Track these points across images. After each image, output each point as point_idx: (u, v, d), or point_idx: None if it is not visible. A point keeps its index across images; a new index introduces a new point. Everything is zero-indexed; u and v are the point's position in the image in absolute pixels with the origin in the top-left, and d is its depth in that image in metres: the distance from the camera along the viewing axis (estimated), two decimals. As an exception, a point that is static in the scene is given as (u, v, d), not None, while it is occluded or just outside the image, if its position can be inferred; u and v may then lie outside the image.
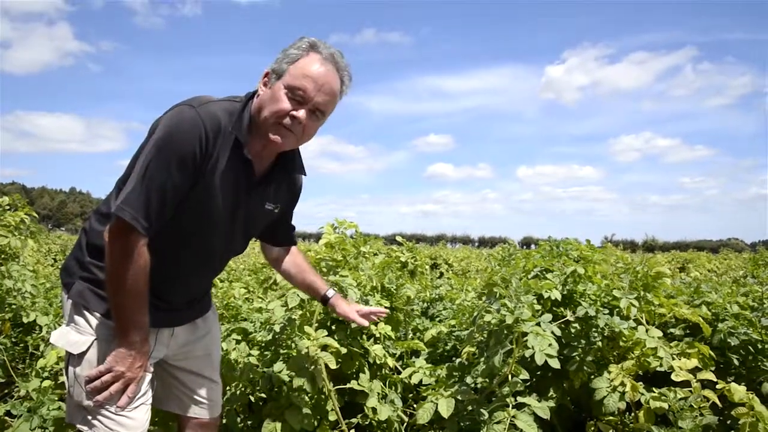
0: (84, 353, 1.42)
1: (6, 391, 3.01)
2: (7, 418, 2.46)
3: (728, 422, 2.06)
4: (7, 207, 4.02)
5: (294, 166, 1.62)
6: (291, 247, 1.90)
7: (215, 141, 1.36)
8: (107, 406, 1.41)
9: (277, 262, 1.90)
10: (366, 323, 1.88)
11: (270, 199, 1.60)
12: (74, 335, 1.44)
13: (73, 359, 1.43)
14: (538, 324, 1.92)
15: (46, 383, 2.49)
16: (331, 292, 1.90)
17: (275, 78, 1.43)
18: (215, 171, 1.39)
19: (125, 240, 1.31)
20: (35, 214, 4.27)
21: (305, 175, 1.69)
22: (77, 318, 1.45)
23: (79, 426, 1.44)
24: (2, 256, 3.73)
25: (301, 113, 1.41)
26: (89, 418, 1.42)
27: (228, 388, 2.25)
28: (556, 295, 2.13)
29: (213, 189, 1.41)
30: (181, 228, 1.43)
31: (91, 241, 1.47)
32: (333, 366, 2.01)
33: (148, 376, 1.50)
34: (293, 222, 1.86)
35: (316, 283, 1.90)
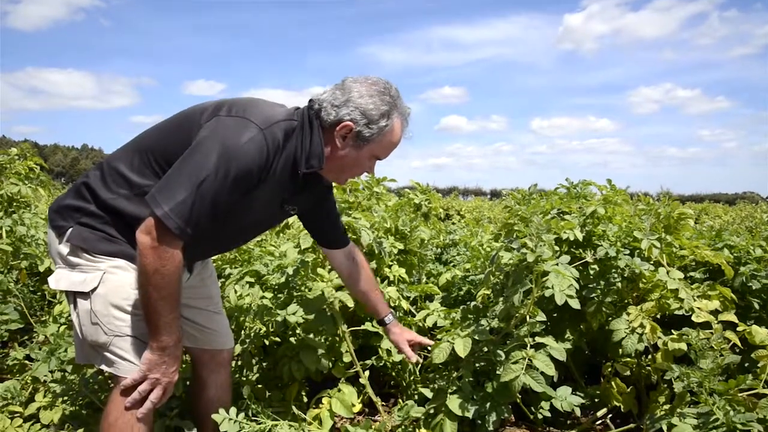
0: (94, 289, 1.39)
1: (26, 337, 3.07)
2: (26, 362, 2.50)
3: (747, 365, 2.04)
4: (16, 157, 4.02)
5: (322, 178, 1.63)
6: (358, 258, 1.93)
7: (273, 162, 1.40)
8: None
9: (344, 273, 1.93)
10: (414, 358, 1.96)
11: (296, 203, 1.63)
12: (77, 275, 1.41)
13: (81, 297, 1.41)
14: (557, 265, 1.87)
15: (63, 328, 2.51)
16: (389, 318, 1.97)
17: (362, 141, 1.48)
18: (265, 187, 1.42)
19: (167, 246, 1.29)
20: (44, 164, 4.26)
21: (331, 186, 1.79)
22: (75, 259, 1.42)
23: (101, 367, 1.43)
24: (14, 204, 3.74)
25: (372, 168, 1.60)
26: (108, 355, 1.40)
27: (242, 330, 2.25)
28: (577, 235, 2.07)
29: (254, 201, 1.45)
30: (210, 224, 1.39)
31: (104, 197, 1.43)
32: (351, 304, 1.99)
33: None
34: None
35: (378, 305, 1.97)
